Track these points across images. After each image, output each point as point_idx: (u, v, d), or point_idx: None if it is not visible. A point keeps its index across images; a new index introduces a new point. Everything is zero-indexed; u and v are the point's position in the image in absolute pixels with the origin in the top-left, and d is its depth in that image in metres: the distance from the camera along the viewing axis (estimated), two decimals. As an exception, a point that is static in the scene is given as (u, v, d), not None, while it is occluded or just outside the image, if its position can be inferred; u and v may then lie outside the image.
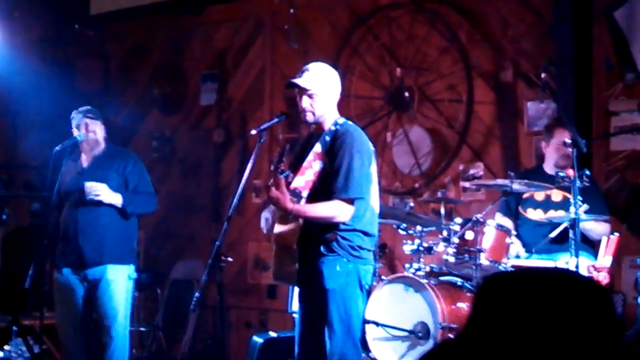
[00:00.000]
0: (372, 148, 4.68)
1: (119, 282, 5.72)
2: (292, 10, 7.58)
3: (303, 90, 4.60)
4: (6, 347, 6.85)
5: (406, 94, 7.14)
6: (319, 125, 4.68)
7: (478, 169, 6.85)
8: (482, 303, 1.84)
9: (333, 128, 4.61)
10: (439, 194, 6.30)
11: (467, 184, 6.79)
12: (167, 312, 7.98)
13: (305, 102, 4.61)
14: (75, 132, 5.87)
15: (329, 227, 4.51)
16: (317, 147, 4.57)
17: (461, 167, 6.95)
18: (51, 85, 8.56)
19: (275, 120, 4.72)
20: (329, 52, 7.55)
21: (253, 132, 4.64)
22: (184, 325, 7.74)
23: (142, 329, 7.84)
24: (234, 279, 7.78)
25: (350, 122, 4.72)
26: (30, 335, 6.84)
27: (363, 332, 5.49)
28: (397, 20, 7.31)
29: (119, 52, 9.02)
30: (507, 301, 1.78)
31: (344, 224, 4.50)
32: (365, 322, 5.52)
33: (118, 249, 5.74)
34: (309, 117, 4.64)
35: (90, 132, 5.86)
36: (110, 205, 5.69)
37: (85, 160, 5.91)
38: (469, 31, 6.96)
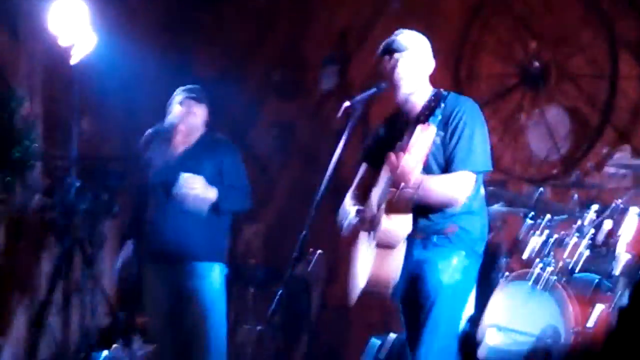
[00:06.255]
0: None
1: (209, 280, 5.29)
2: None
3: (398, 54, 4.07)
4: (115, 346, 6.64)
5: (540, 68, 6.68)
6: (412, 98, 4.10)
7: (625, 152, 6.29)
8: None
9: (434, 98, 3.94)
10: (573, 178, 5.71)
11: (610, 169, 6.21)
12: (285, 311, 7.61)
13: (401, 69, 4.06)
14: (174, 112, 5.43)
15: (444, 213, 3.97)
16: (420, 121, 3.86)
17: (605, 150, 6.40)
18: (168, 73, 8.37)
19: (374, 90, 4.11)
20: (456, 26, 7.20)
21: (346, 103, 4.04)
22: (302, 324, 7.51)
23: (259, 327, 7.52)
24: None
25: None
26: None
27: (481, 338, 5.09)
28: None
29: (238, 37, 8.75)
30: None
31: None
32: (486, 326, 5.06)
33: (208, 246, 5.28)
34: (405, 89, 4.07)
35: (192, 115, 5.41)
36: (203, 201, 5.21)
37: (179, 146, 5.43)
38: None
